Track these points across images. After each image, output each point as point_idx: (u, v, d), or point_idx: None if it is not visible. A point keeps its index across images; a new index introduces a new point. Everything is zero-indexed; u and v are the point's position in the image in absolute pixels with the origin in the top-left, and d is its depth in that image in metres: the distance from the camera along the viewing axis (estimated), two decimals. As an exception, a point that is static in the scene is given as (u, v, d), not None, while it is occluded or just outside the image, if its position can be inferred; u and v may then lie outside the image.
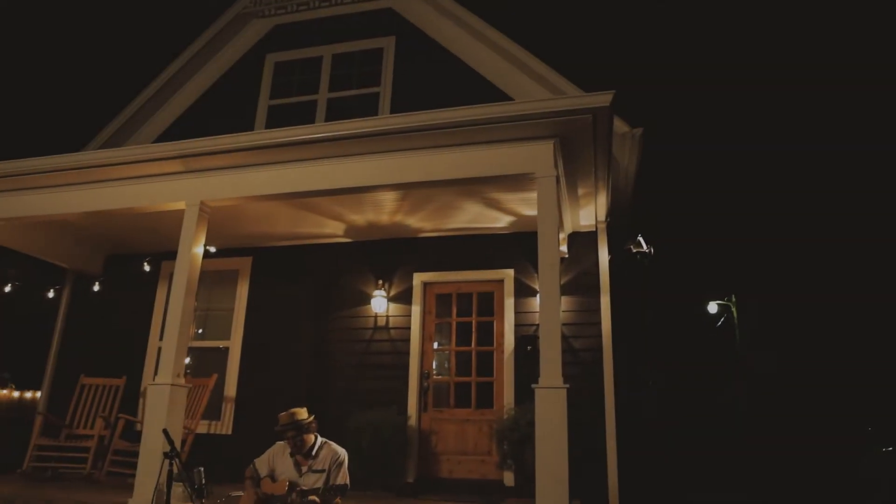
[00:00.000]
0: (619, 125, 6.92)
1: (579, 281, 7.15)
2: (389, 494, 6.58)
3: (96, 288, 8.56)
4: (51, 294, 8.77)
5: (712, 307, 15.09)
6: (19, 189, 6.66)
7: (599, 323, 6.94)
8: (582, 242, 7.28)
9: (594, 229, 7.25)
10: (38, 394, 8.84)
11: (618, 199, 7.57)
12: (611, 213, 7.20)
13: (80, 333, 8.66)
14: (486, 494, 6.47)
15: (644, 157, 7.46)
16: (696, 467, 13.85)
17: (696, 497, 11.34)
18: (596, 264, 7.15)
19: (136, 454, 5.91)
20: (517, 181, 5.62)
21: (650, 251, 7.64)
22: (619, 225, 7.95)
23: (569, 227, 7.09)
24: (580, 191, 6.46)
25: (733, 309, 14.89)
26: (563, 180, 5.74)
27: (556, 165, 5.27)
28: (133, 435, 6.97)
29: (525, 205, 6.58)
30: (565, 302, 6.99)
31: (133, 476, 5.66)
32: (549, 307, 4.91)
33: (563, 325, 6.41)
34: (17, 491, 5.91)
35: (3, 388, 9.57)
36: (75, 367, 8.04)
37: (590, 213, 7.00)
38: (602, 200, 6.75)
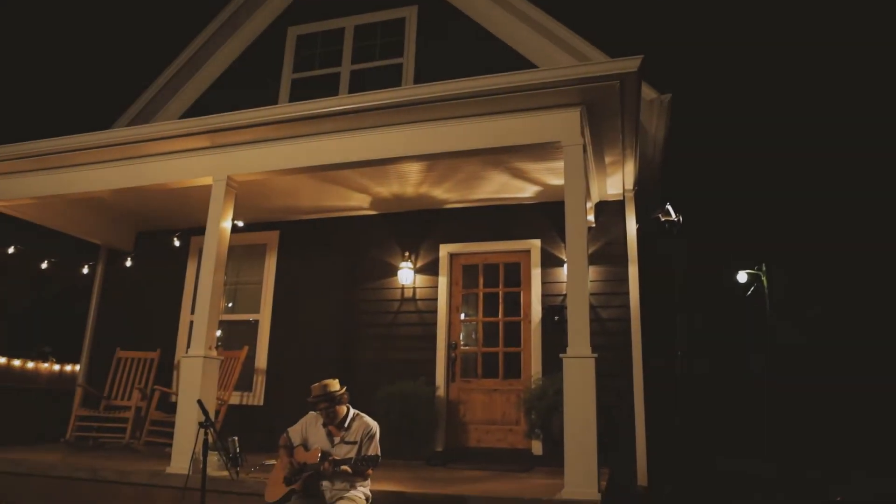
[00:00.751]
0: (647, 91, 6.79)
1: (607, 251, 7.09)
2: (419, 463, 6.68)
3: (128, 263, 8.73)
4: (85, 270, 8.97)
5: (742, 276, 14.88)
6: (51, 168, 6.78)
7: (627, 293, 6.90)
8: (609, 212, 7.21)
9: (622, 198, 7.17)
10: (77, 367, 9.11)
11: (646, 168, 7.45)
12: (639, 181, 7.11)
13: (114, 308, 8.87)
14: (515, 463, 6.53)
15: (673, 124, 7.32)
16: (725, 436, 13.82)
17: (725, 465, 11.33)
18: (623, 234, 7.09)
19: (171, 424, 6.08)
20: (543, 150, 5.56)
21: (679, 220, 7.50)
22: (648, 193, 7.84)
23: (596, 197, 7.01)
24: (607, 159, 6.37)
25: (763, 278, 14.67)
26: (589, 149, 5.66)
27: (582, 133, 5.19)
28: (168, 406, 7.16)
29: (551, 174, 6.52)
30: (592, 272, 6.94)
31: (170, 445, 5.83)
32: (576, 276, 4.89)
33: (591, 295, 6.37)
34: (62, 459, 6.12)
35: (44, 361, 9.88)
36: (111, 341, 8.26)
37: (617, 181, 6.91)
38: (630, 169, 6.66)
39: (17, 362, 9.33)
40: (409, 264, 7.55)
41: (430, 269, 7.58)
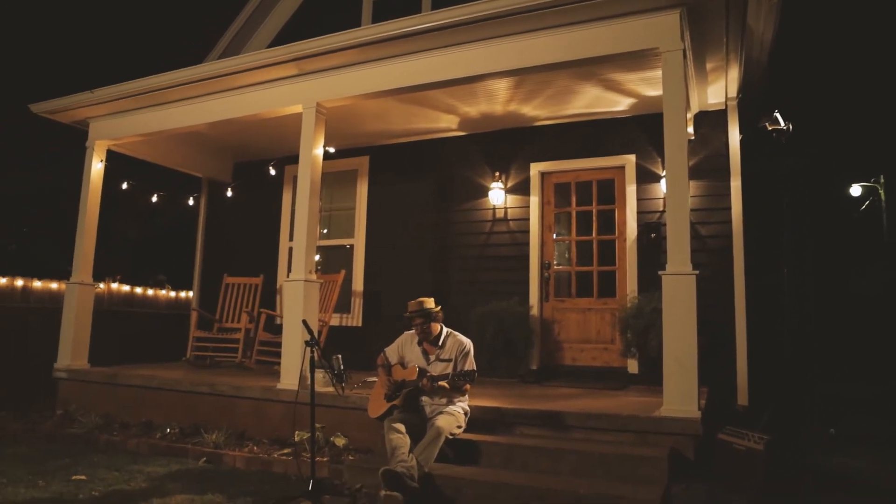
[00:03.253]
0: (755, -14, 6.19)
1: (706, 164, 6.73)
2: (514, 381, 6.81)
3: (228, 194, 9.11)
4: (191, 202, 9.45)
5: (856, 190, 13.79)
6: (152, 105, 7.11)
7: (729, 208, 6.57)
8: (710, 122, 6.79)
9: (724, 107, 6.73)
10: (191, 293, 9.75)
11: (751, 73, 6.89)
12: (743, 88, 6.61)
13: (218, 237, 9.38)
14: (610, 381, 6.53)
15: (782, 22, 6.68)
16: (831, 357, 13.21)
17: (829, 386, 10.88)
18: (725, 145, 6.68)
19: (278, 344, 6.45)
20: (639, 59, 5.25)
21: (788, 128, 6.95)
22: (752, 101, 7.29)
23: (695, 107, 6.60)
24: (709, 65, 5.94)
25: (881, 191, 13.55)
26: (689, 54, 5.27)
27: (682, 38, 4.83)
28: (274, 328, 7.58)
29: (646, 84, 6.17)
30: (691, 187, 6.58)
31: (277, 364, 6.20)
32: (676, 191, 4.68)
33: (690, 210, 6.10)
34: (185, 376, 6.67)
35: (161, 288, 10.62)
36: (218, 268, 8.76)
37: (719, 89, 6.47)
38: (733, 75, 6.19)
39: (138, 290, 10.07)
40: (500, 184, 7.47)
41: (522, 188, 7.47)
